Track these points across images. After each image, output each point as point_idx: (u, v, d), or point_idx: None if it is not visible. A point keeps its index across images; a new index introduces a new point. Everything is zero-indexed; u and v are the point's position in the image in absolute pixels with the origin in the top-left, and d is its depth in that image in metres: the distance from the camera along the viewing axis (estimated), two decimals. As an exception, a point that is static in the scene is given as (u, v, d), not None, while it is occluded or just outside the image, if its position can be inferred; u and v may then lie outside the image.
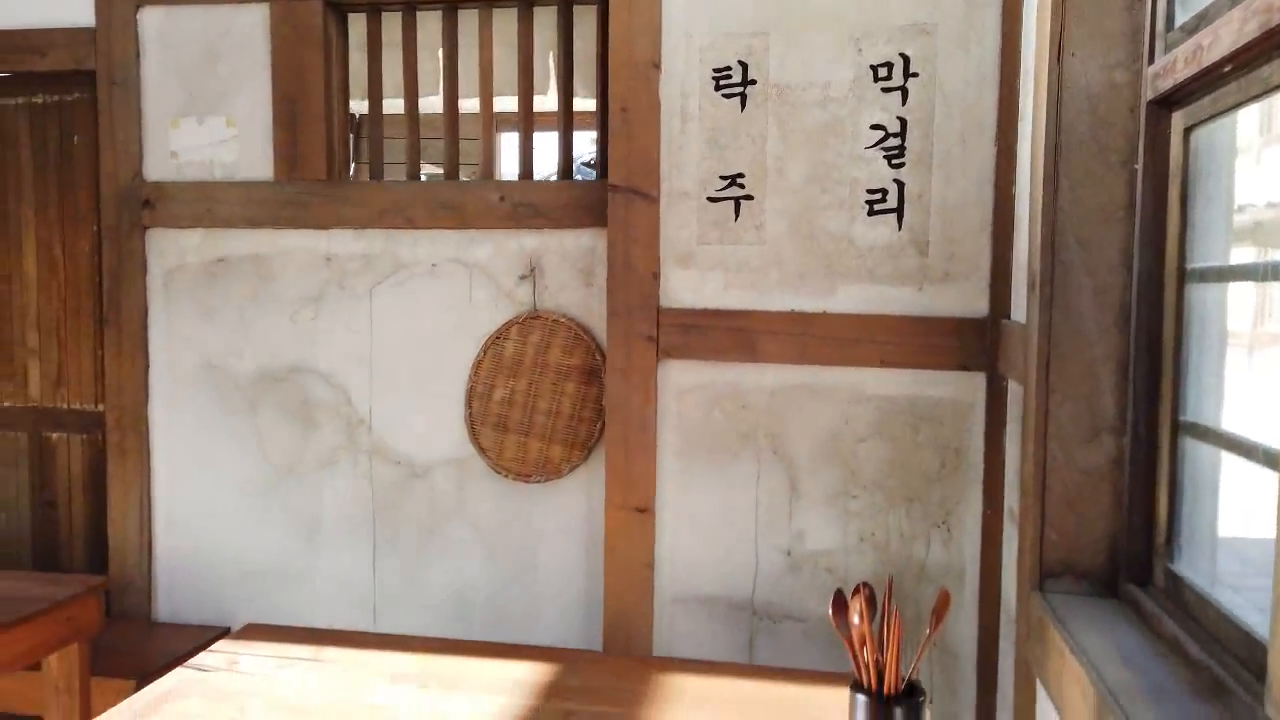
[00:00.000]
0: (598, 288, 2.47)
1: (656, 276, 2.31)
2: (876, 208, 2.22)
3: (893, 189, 2.21)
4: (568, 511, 2.49)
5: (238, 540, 2.65)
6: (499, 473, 2.51)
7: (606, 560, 2.32)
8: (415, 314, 2.58)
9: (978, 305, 2.17)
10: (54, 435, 2.84)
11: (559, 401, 2.49)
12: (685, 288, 2.31)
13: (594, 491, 2.46)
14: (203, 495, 2.67)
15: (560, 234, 2.50)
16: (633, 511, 2.31)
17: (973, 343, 2.16)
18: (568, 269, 2.50)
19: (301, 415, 2.63)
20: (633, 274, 2.31)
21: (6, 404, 2.86)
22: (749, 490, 2.29)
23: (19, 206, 2.83)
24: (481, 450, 2.52)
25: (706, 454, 2.31)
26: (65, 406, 2.82)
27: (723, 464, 2.30)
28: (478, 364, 2.52)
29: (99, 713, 2.14)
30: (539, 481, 2.49)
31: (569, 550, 2.49)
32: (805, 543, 2.26)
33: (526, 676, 1.60)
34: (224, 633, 2.58)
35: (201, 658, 1.66)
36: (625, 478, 2.32)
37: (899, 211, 2.20)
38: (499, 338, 2.51)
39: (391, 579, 2.58)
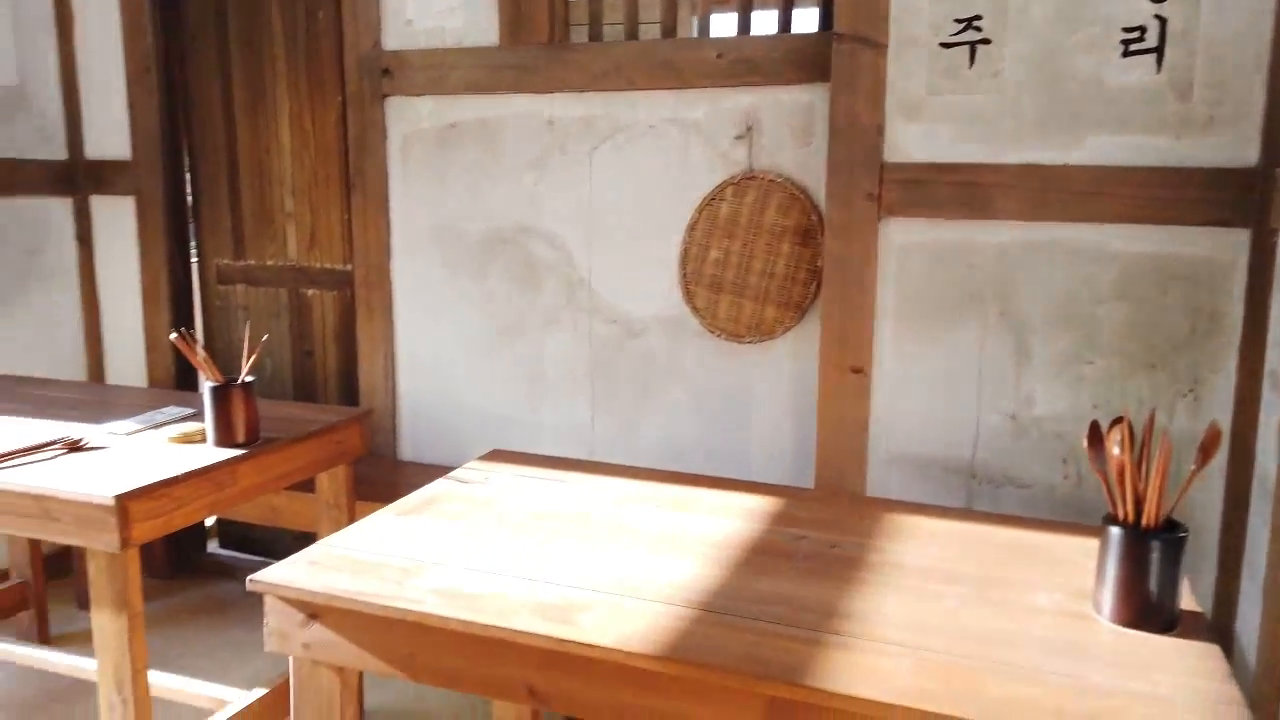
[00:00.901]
0: (815, 146, 2.41)
1: (881, 130, 2.24)
2: (1133, 48, 2.03)
3: (1153, 26, 2.01)
4: (780, 371, 2.52)
5: (470, 390, 2.87)
6: (712, 332, 2.56)
7: (819, 419, 2.34)
8: (633, 176, 2.63)
9: (1246, 154, 1.96)
10: (309, 291, 3.14)
11: (774, 263, 2.48)
12: (912, 141, 2.23)
13: (806, 353, 2.47)
14: (438, 348, 2.89)
15: (777, 91, 2.45)
16: (848, 372, 2.31)
17: (1237, 195, 1.97)
18: (784, 127, 2.46)
19: (525, 275, 2.77)
20: (856, 128, 2.25)
21: (269, 263, 3.18)
22: (972, 353, 2.23)
23: (274, 83, 3.08)
24: (695, 310, 2.57)
25: (927, 315, 2.26)
26: (318, 265, 3.11)
27: (945, 326, 2.24)
28: (692, 225, 2.55)
29: (361, 528, 2.43)
30: (752, 342, 2.52)
31: (780, 409, 2.53)
32: (1033, 407, 2.18)
33: (752, 505, 1.66)
34: (459, 472, 2.83)
35: (457, 473, 1.83)
36: (841, 338, 2.31)
37: (1159, 51, 2.00)
38: (714, 199, 2.52)
39: (608, 430, 2.72)
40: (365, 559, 1.41)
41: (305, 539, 3.11)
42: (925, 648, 1.14)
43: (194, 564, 3.30)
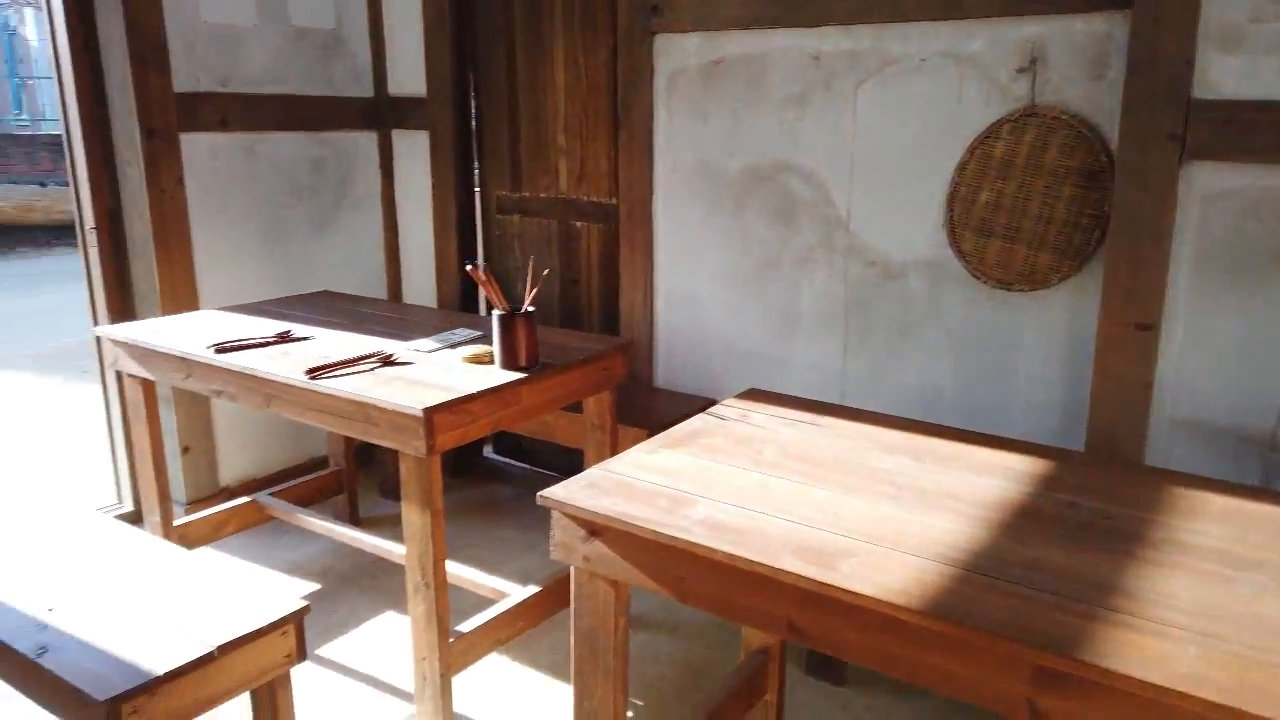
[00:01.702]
0: (1109, 81, 2.22)
1: (1190, 63, 2.02)
2: None
3: None
4: (1052, 322, 2.39)
5: (723, 324, 2.96)
6: (978, 278, 2.47)
7: (1096, 377, 2.21)
8: (899, 113, 2.55)
9: None
10: (577, 223, 3.33)
11: (1052, 207, 2.34)
12: (1228, 76, 2.00)
13: (1083, 305, 2.32)
14: (694, 282, 2.99)
15: (1068, 19, 2.27)
16: (1133, 328, 2.16)
17: None
18: (1074, 60, 2.28)
19: (783, 213, 2.79)
20: (1160, 61, 2.04)
21: (542, 195, 3.40)
22: (1282, 314, 2.01)
23: (552, 25, 3.23)
24: (961, 254, 2.48)
25: (1233, 270, 2.05)
26: (586, 199, 3.29)
27: (1253, 283, 2.03)
28: (963, 165, 2.45)
29: (624, 449, 2.61)
30: (1021, 290, 2.41)
31: (1049, 363, 2.41)
32: (1353, 378, 1.94)
33: (1015, 465, 1.63)
34: (712, 402, 2.94)
35: (717, 409, 1.93)
36: (1128, 291, 2.15)
37: None
38: (988, 137, 2.40)
39: (860, 371, 2.72)
40: (637, 485, 1.54)
41: (569, 453, 3.42)
42: (1214, 635, 1.10)
43: (473, 467, 3.68)
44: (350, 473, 3.19)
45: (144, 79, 2.91)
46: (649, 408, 2.90)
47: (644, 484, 1.54)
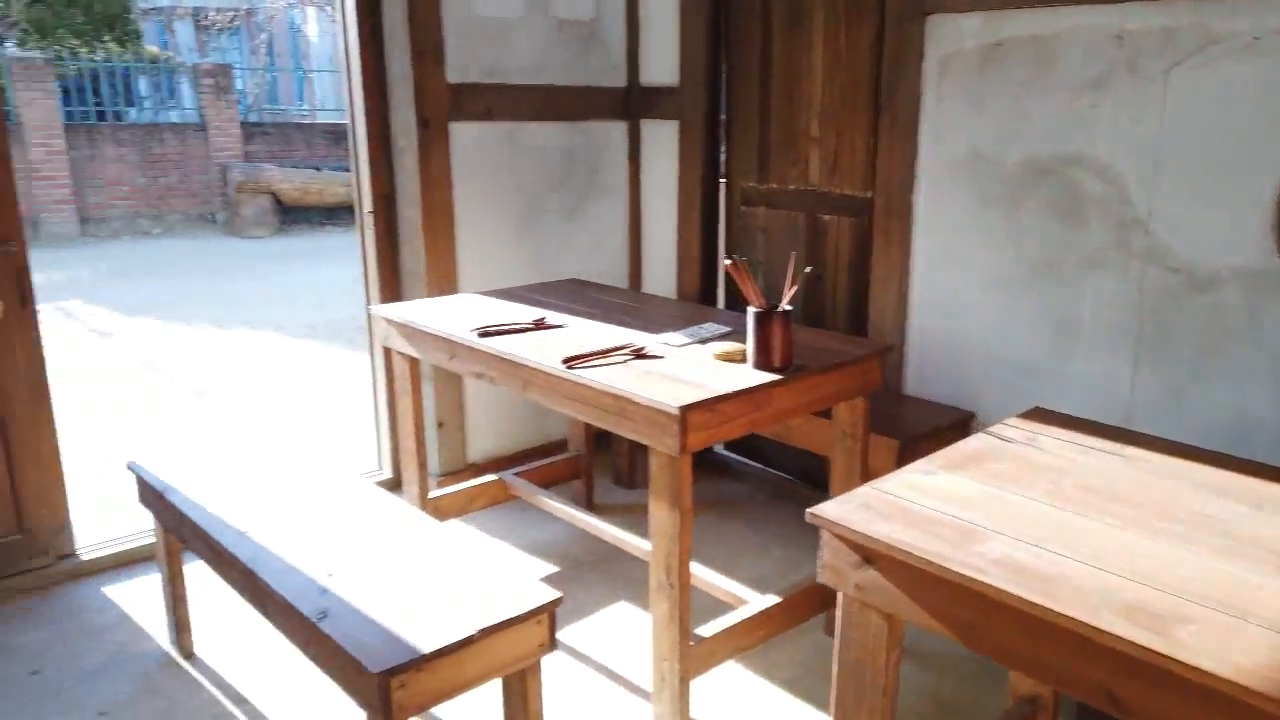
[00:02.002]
0: None
1: None
2: None
3: None
4: None
5: (986, 330, 2.72)
6: (1314, 292, 2.10)
7: None
8: (1222, 99, 2.21)
9: None
10: (826, 217, 3.19)
11: None
12: None
13: None
14: (956, 283, 2.78)
15: None
16: None
17: None
18: None
19: (1067, 211, 2.51)
20: None
21: (790, 187, 3.28)
22: None
23: (811, 4, 3.10)
24: (1292, 264, 2.13)
25: None
26: (838, 191, 3.14)
27: None
28: (1303, 159, 2.09)
29: (875, 461, 2.47)
30: (1373, 308, 2.03)
31: (1405, 396, 2.02)
32: None
33: (1390, 527, 1.34)
34: (969, 415, 2.73)
35: (998, 428, 1.75)
36: None
37: None
38: (1341, 127, 2.03)
39: (1152, 394, 2.41)
40: (917, 510, 1.40)
41: (803, 456, 3.30)
42: None
43: (700, 461, 3.64)
44: (589, 459, 3.24)
45: (422, 70, 3.06)
46: (897, 416, 2.72)
47: (924, 510, 1.41)
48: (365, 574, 1.78)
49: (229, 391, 5.05)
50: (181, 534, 2.21)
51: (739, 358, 2.19)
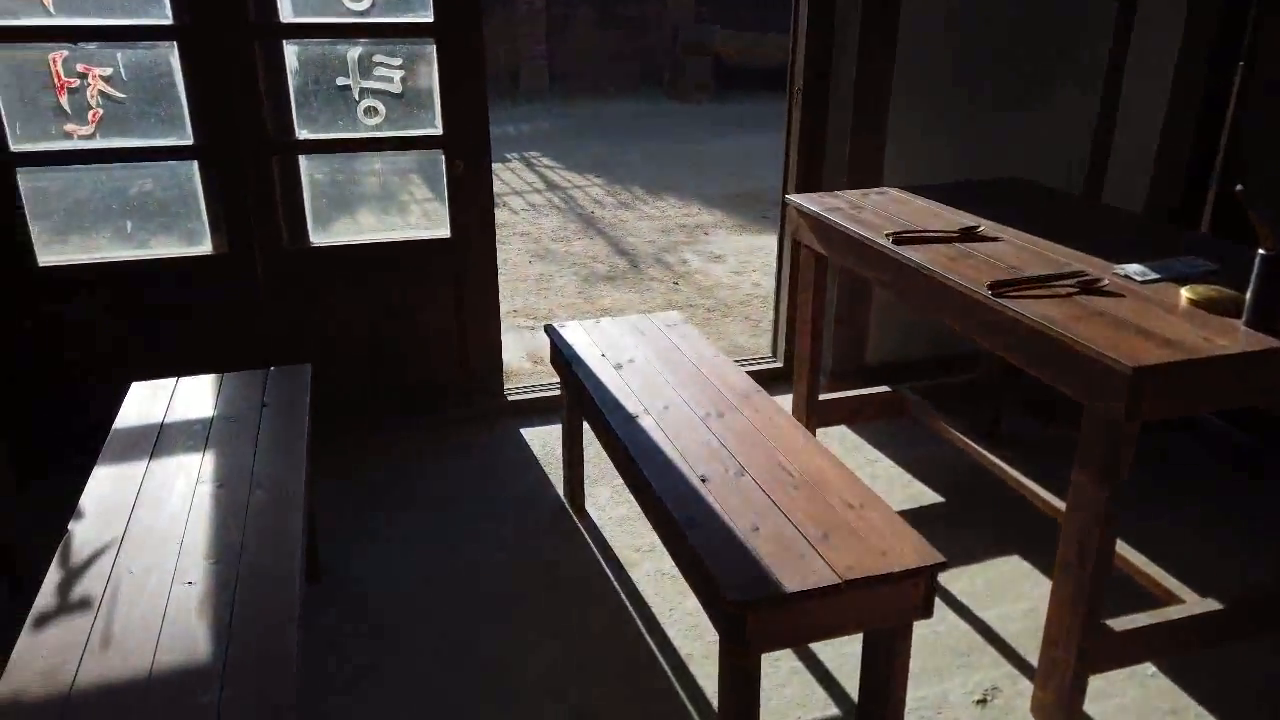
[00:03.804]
0: None
1: None
2: None
3: None
4: None
5: None
6: None
7: None
8: None
9: None
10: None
11: None
12: None
13: None
14: None
15: None
16: None
17: None
18: None
19: None
20: None
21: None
22: None
23: None
24: None
25: None
26: None
27: None
28: None
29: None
30: None
31: None
32: None
33: None
34: None
35: None
36: None
37: None
38: None
39: None
40: None
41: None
42: None
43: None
44: (1001, 381, 2.88)
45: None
46: None
47: None
48: (739, 486, 1.71)
49: (644, 259, 5.30)
50: (580, 402, 2.33)
51: (1227, 308, 1.72)
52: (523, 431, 3.06)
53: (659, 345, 2.37)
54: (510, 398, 3.20)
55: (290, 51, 2.66)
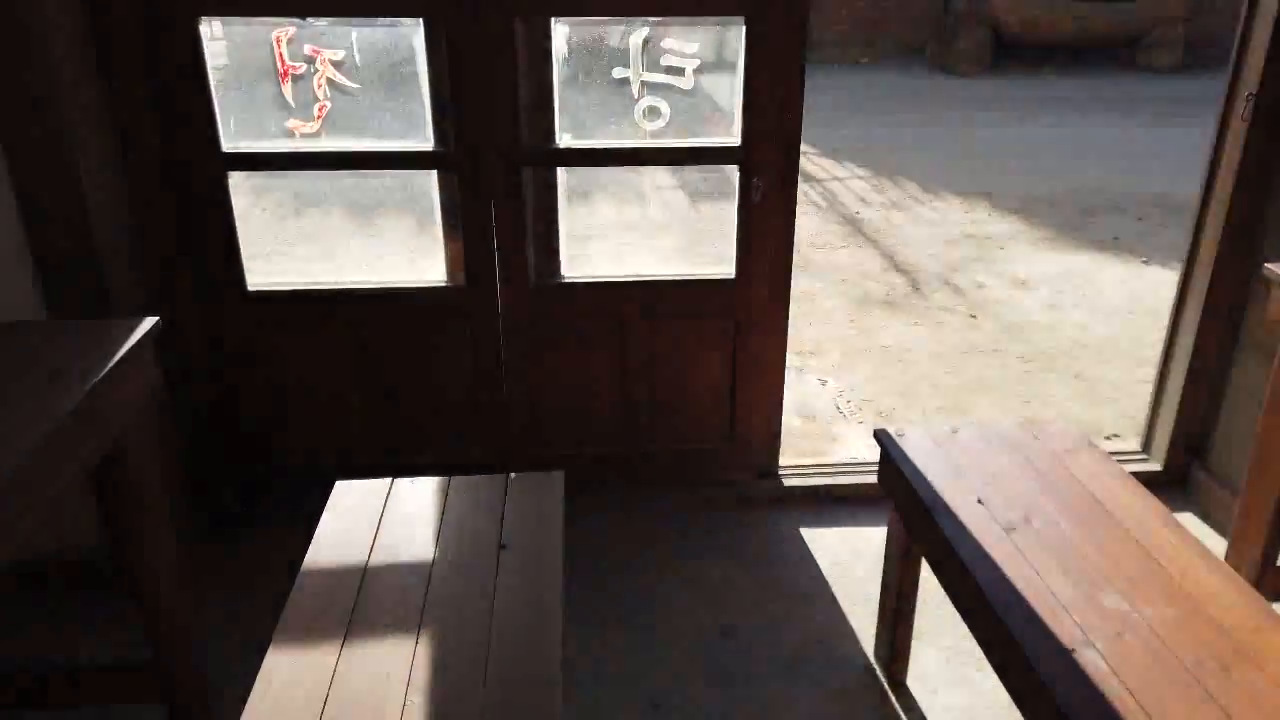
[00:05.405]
0: None
1: None
2: None
3: None
4: None
5: None
6: None
7: None
8: None
9: None
10: None
11: None
12: None
13: None
14: None
15: None
16: None
17: None
18: None
19: None
20: None
21: None
22: None
23: None
24: None
25: None
26: None
27: None
28: None
29: None
30: None
31: None
32: None
33: None
34: None
35: None
36: None
37: None
38: None
39: None
40: None
41: None
42: None
43: None
44: None
45: None
46: None
47: None
48: (1142, 655, 0.93)
49: (926, 278, 4.41)
50: (929, 542, 1.59)
51: None
52: (803, 533, 2.36)
53: (1061, 491, 1.58)
54: (785, 479, 2.51)
55: (559, 32, 2.04)
